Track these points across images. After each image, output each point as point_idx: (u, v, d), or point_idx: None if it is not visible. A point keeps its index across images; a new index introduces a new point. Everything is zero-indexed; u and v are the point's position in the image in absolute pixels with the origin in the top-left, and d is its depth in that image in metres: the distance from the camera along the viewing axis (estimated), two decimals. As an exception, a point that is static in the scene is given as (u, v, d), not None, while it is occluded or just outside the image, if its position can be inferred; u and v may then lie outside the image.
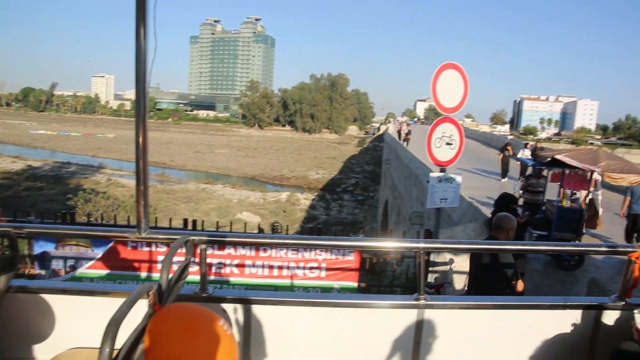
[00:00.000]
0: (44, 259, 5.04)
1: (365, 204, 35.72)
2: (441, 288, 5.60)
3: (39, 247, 5.21)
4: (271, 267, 5.08)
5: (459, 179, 6.52)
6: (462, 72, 6.36)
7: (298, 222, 27.09)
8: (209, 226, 8.95)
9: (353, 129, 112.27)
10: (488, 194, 10.46)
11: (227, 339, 1.51)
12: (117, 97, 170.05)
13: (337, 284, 5.16)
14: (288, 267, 5.08)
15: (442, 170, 6.52)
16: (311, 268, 5.09)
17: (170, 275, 1.83)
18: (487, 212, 7.33)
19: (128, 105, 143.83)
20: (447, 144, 6.54)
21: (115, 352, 1.38)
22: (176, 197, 30.92)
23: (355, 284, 5.17)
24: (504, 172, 14.62)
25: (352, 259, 5.17)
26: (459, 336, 2.34)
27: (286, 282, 5.06)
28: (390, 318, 2.33)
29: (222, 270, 5.01)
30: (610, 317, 2.37)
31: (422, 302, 2.27)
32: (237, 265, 5.03)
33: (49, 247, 5.12)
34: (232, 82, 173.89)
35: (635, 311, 2.22)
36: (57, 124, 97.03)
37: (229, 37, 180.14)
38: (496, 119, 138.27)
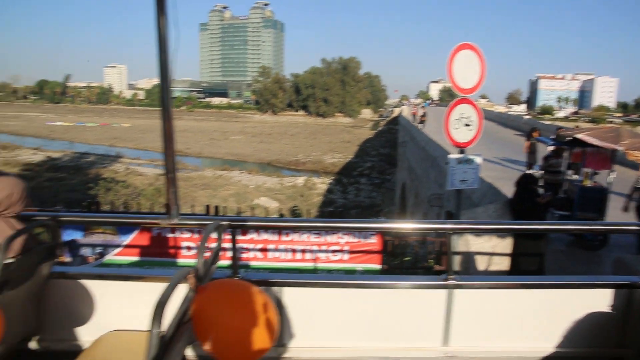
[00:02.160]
0: (72, 247, 5.16)
1: (382, 187, 35.66)
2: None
3: (67, 236, 5.34)
4: (294, 250, 5.15)
5: (478, 160, 6.47)
6: (478, 52, 6.27)
7: (315, 206, 27.17)
8: (229, 212, 9.04)
9: (367, 112, 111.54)
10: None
11: (270, 309, 1.56)
12: (130, 87, 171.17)
13: (359, 266, 5.21)
14: (311, 251, 5.13)
15: (461, 152, 6.47)
16: (334, 251, 5.14)
17: (204, 260, 1.88)
18: (508, 193, 7.27)
19: (141, 95, 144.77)
20: (466, 125, 6.48)
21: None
22: (194, 184, 31.17)
23: (378, 266, 5.21)
24: (531, 163, 11.68)
25: (374, 242, 5.20)
26: (488, 316, 2.35)
27: (309, 265, 5.12)
28: (419, 298, 2.35)
29: (246, 255, 5.09)
30: None
31: (451, 282, 2.29)
32: (261, 250, 5.10)
33: (77, 235, 5.25)
34: (244, 69, 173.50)
35: None
36: (73, 115, 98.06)
37: (238, 23, 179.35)
38: (512, 99, 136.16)
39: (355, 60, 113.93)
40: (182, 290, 1.62)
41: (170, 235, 5.08)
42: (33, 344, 2.31)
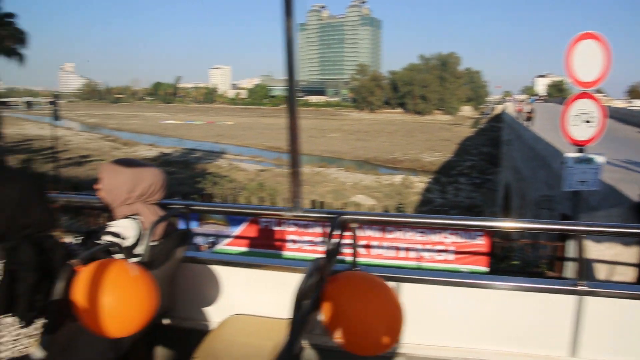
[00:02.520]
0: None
1: (483, 187, 34.20)
2: None
3: (182, 225, 5.76)
4: (397, 248, 5.11)
5: (600, 159, 5.97)
6: (603, 42, 5.77)
7: (413, 205, 26.74)
8: (326, 208, 9.19)
9: (466, 110, 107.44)
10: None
11: (399, 304, 1.58)
12: (234, 87, 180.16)
13: (465, 267, 5.04)
14: (415, 249, 5.07)
15: (580, 151, 6.02)
16: (438, 251, 5.03)
17: (330, 251, 1.93)
18: (634, 196, 6.62)
19: (244, 94, 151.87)
20: (585, 121, 6.01)
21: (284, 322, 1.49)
22: (292, 180, 31.97)
23: (484, 269, 5.01)
24: None
25: (481, 243, 5.01)
26: (624, 328, 2.16)
27: (412, 264, 5.06)
28: (545, 303, 2.22)
29: (349, 250, 5.15)
30: None
31: (583, 288, 2.13)
32: (365, 247, 5.14)
33: (193, 225, 5.64)
34: (341, 67, 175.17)
35: None
36: (183, 113, 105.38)
37: (335, 22, 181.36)
38: (634, 93, 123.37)
39: (454, 55, 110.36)
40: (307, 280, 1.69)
41: (276, 227, 5.28)
42: (166, 321, 2.53)
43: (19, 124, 68.11)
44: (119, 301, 1.58)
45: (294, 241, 5.24)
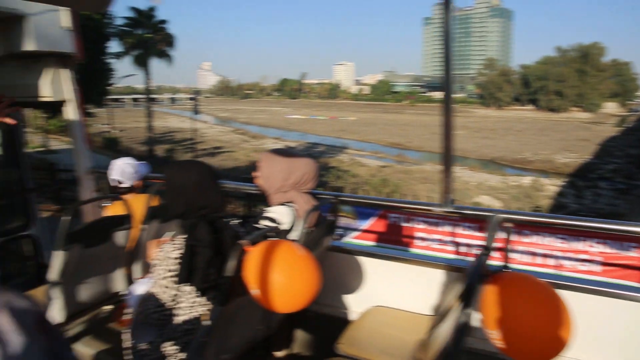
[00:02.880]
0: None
1: (628, 193, 30.60)
2: None
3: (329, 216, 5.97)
4: (534, 254, 4.81)
5: None
6: None
7: (544, 210, 24.83)
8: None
9: (611, 106, 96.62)
10: None
11: (565, 310, 1.49)
12: (357, 83, 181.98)
13: (612, 282, 4.59)
14: (553, 256, 4.73)
15: None
16: (582, 260, 4.64)
17: (484, 251, 1.87)
18: None
19: (366, 90, 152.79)
20: None
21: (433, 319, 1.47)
22: (414, 177, 31.61)
23: (636, 285, 4.52)
24: None
25: (636, 256, 4.52)
26: None
27: (550, 272, 4.73)
28: None
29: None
30: None
31: None
32: (498, 249, 4.90)
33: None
34: (467, 62, 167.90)
35: None
36: (307, 109, 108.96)
37: (463, 14, 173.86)
38: None
39: (598, 46, 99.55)
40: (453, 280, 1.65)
41: (404, 224, 5.25)
42: (311, 306, 2.66)
43: (164, 118, 75.69)
44: (289, 278, 1.69)
45: (423, 239, 5.18)
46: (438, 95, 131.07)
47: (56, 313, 2.60)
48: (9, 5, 3.00)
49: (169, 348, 1.86)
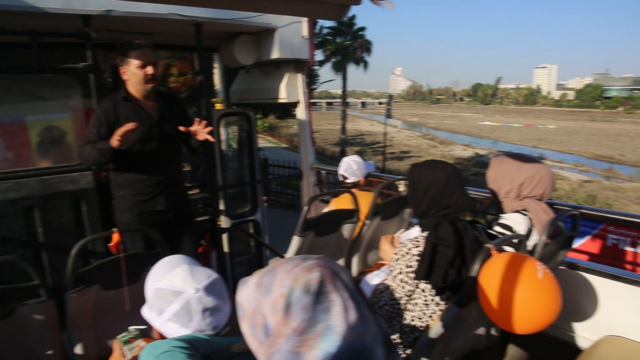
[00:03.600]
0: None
1: None
2: None
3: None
4: None
5: None
6: None
7: None
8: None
9: None
10: None
11: None
12: (559, 88, 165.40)
13: None
14: None
15: None
16: None
17: None
18: None
19: (571, 95, 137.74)
20: None
21: None
22: (625, 196, 27.42)
23: None
24: None
25: None
26: None
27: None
28: None
29: None
30: None
31: None
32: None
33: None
34: None
35: None
36: (500, 115, 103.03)
37: None
38: None
39: None
40: None
41: (629, 248, 4.58)
42: None
43: (355, 121, 79.11)
44: (531, 300, 1.61)
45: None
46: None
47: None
48: (265, 20, 3.47)
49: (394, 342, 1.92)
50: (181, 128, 2.80)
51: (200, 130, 2.78)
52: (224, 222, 4.32)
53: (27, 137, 3.16)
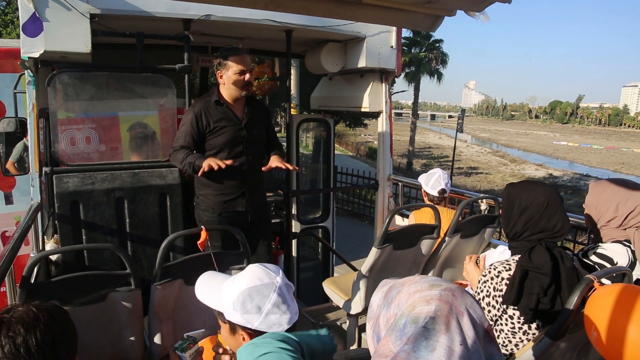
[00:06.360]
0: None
1: None
2: None
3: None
4: None
5: None
6: None
7: None
8: None
9: None
10: None
11: None
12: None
13: None
14: None
15: None
16: None
17: None
18: None
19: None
20: None
21: None
22: None
23: None
24: None
25: None
26: None
27: None
28: None
29: None
30: None
31: None
32: None
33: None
34: None
35: None
36: (578, 135, 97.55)
37: None
38: None
39: None
40: None
41: None
42: None
43: (423, 133, 77.89)
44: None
45: None
46: None
47: (354, 303, 2.88)
48: (354, 29, 3.47)
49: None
50: (264, 168, 3.05)
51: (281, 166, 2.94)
52: (294, 226, 4.37)
53: (119, 132, 3.33)
